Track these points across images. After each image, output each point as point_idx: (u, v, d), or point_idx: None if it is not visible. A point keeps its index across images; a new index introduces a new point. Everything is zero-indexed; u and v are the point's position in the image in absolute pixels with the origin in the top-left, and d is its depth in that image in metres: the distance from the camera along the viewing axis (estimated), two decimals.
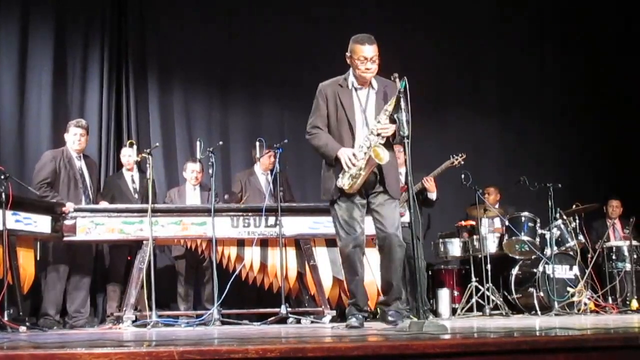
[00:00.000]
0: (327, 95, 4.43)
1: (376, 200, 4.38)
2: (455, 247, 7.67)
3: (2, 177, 5.39)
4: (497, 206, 7.83)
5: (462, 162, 7.15)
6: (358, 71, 4.33)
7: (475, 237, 7.49)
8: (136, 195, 6.79)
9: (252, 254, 6.16)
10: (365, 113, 4.36)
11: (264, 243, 6.20)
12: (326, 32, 8.39)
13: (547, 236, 7.23)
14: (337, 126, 4.41)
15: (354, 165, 4.24)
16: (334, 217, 4.45)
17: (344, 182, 4.29)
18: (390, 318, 4.29)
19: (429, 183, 7.03)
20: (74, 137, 6.40)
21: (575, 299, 6.95)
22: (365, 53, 4.28)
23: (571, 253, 7.30)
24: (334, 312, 6.09)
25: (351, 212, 4.36)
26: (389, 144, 4.32)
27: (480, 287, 7.13)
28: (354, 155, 4.25)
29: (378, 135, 4.23)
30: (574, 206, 7.47)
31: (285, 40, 8.46)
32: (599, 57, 9.39)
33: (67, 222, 5.97)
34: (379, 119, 4.27)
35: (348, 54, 4.38)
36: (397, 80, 4.00)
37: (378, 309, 4.56)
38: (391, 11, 8.66)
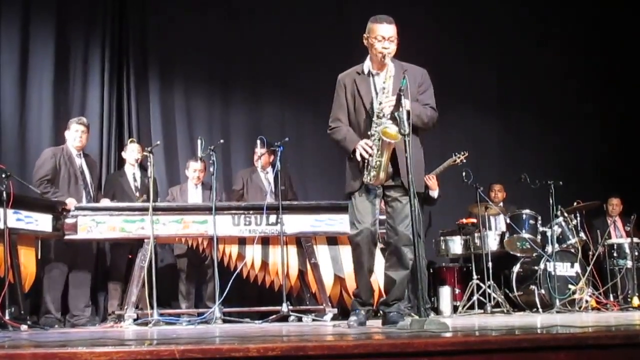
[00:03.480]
0: (345, 85, 4.33)
1: (391, 194, 4.26)
2: (456, 245, 7.68)
3: (3, 175, 5.39)
4: (501, 204, 7.84)
5: (465, 160, 7.15)
6: (375, 51, 4.20)
7: (477, 234, 7.50)
8: (137, 194, 6.79)
9: (254, 252, 6.17)
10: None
11: (265, 241, 6.21)
12: (327, 31, 8.39)
13: (548, 234, 7.24)
14: (355, 115, 4.30)
15: (370, 155, 4.11)
16: (350, 207, 4.32)
17: (369, 176, 4.15)
18: (391, 319, 4.19)
19: (431, 181, 7.04)
20: (75, 134, 6.42)
21: (576, 296, 6.95)
22: (383, 32, 4.19)
23: (572, 250, 7.30)
24: (335, 310, 6.10)
25: (365, 203, 4.24)
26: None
27: (481, 284, 7.13)
28: (366, 144, 4.12)
29: (383, 117, 4.09)
30: (574, 203, 7.47)
31: (286, 39, 8.46)
32: (600, 54, 9.39)
33: (68, 221, 5.98)
34: (380, 100, 4.14)
35: (365, 34, 4.27)
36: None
37: (379, 310, 4.46)
38: (392, 10, 8.62)
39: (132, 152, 6.89)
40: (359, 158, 4.15)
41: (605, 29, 9.41)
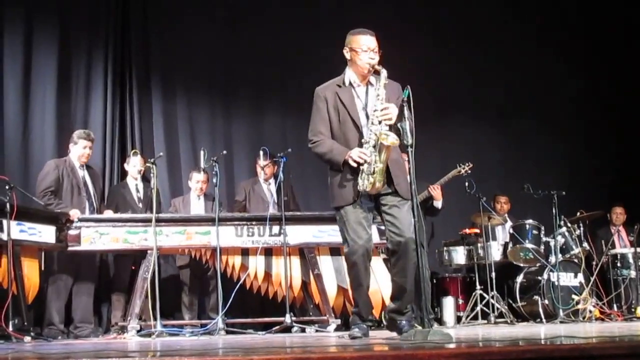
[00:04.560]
0: (326, 98, 4.26)
1: (388, 201, 4.16)
2: (459, 255, 7.67)
3: (7, 187, 5.41)
4: (505, 215, 7.83)
5: (469, 171, 7.15)
6: (360, 62, 4.16)
7: (480, 244, 7.49)
8: (140, 205, 6.80)
9: (257, 263, 6.16)
10: (367, 109, 4.18)
11: (268, 252, 6.20)
12: (328, 41, 8.37)
13: (552, 244, 7.23)
14: (340, 127, 4.22)
15: (367, 162, 4.04)
16: (341, 223, 4.23)
17: (364, 183, 4.07)
18: (403, 328, 4.11)
19: (436, 191, 7.05)
20: (84, 150, 6.43)
21: (580, 306, 6.94)
22: (369, 43, 4.17)
23: (576, 260, 7.29)
24: (338, 321, 6.08)
25: (359, 217, 4.15)
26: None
27: (485, 295, 7.11)
28: (362, 152, 4.06)
29: (380, 123, 4.05)
30: (578, 213, 7.46)
31: (288, 49, 8.48)
32: (602, 63, 9.39)
33: (72, 232, 5.98)
34: (376, 107, 4.09)
35: (347, 47, 4.24)
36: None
37: (387, 316, 4.37)
38: (393, 19, 8.67)
39: (134, 164, 6.90)
40: (354, 165, 4.08)
41: (608, 37, 9.42)
